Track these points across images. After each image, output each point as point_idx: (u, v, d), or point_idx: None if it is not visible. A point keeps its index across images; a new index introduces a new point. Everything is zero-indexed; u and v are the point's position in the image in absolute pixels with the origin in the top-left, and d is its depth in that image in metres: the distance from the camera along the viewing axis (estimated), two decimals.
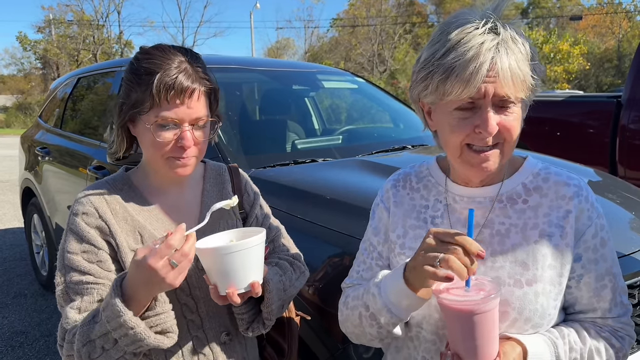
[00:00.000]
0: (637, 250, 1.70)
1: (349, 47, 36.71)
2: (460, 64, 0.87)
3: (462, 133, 0.93)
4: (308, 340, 1.65)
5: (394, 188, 1.16)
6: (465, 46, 0.88)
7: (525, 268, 0.98)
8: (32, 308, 3.99)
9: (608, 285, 1.01)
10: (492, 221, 1.02)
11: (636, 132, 4.33)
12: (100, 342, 1.02)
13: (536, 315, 0.96)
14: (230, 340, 1.23)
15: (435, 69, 0.91)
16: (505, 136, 0.93)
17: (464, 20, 0.92)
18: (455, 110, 0.93)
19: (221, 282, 1.03)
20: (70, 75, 4.48)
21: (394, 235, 1.12)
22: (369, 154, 2.61)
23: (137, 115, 1.12)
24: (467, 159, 0.96)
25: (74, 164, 3.53)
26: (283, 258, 1.31)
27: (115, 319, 0.98)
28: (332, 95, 4.02)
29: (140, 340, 1.00)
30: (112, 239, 1.14)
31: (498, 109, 0.91)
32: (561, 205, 1.00)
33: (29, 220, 4.74)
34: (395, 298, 0.97)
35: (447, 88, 0.90)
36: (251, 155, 2.49)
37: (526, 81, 0.91)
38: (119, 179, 1.23)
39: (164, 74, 1.07)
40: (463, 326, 0.87)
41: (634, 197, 2.29)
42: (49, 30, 34.33)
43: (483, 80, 0.87)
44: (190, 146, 1.12)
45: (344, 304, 1.14)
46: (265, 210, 1.39)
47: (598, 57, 29.53)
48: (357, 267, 1.19)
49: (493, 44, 0.88)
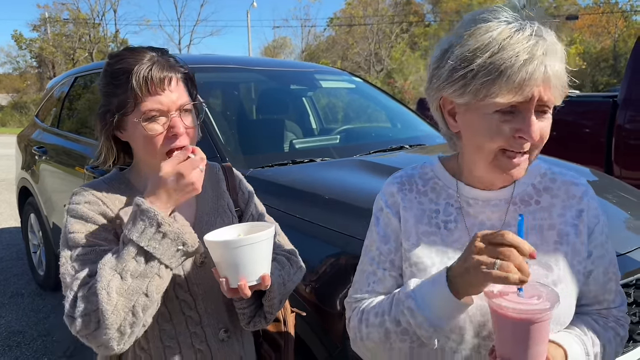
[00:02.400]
0: (633, 249, 1.71)
1: (345, 46, 36.71)
2: (513, 67, 0.84)
3: (502, 137, 0.89)
4: (306, 340, 1.67)
5: (400, 192, 1.08)
6: (516, 48, 0.84)
7: (549, 270, 0.97)
8: (29, 308, 3.99)
9: (612, 278, 1.04)
10: (508, 224, 1.01)
11: (632, 132, 4.35)
12: (129, 269, 1.01)
13: (564, 316, 0.97)
14: (228, 337, 1.24)
15: (480, 69, 0.86)
16: (539, 143, 0.92)
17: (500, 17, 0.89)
18: (495, 113, 0.89)
19: (233, 275, 1.05)
20: (68, 75, 4.47)
21: (407, 244, 1.04)
22: (367, 154, 2.62)
23: (123, 118, 1.13)
24: (499, 164, 0.93)
25: (71, 163, 3.53)
26: (280, 254, 1.32)
27: (150, 226, 1.02)
28: (330, 95, 4.03)
29: (178, 236, 1.05)
30: (118, 221, 1.15)
31: (538, 114, 0.90)
32: (573, 205, 1.02)
33: (25, 220, 4.73)
34: (439, 308, 0.90)
35: (494, 90, 0.86)
36: (249, 155, 2.50)
37: (565, 86, 0.90)
38: (115, 177, 1.24)
39: (138, 68, 1.10)
40: (516, 333, 0.83)
41: (629, 196, 2.31)
42: (44, 28, 34.22)
43: (535, 85, 0.85)
44: (182, 133, 1.14)
45: (360, 321, 1.03)
46: (259, 208, 1.40)
47: (594, 57, 29.63)
48: (366, 279, 1.08)
49: (543, 48, 0.85)
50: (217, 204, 1.30)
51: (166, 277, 1.07)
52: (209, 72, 2.93)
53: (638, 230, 1.97)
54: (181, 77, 1.17)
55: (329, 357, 1.61)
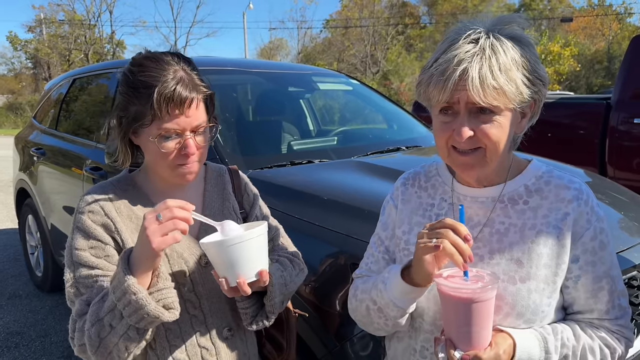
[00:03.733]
0: (625, 248, 1.75)
1: (342, 48, 36.76)
2: (438, 72, 0.95)
3: (444, 135, 1.00)
4: (306, 338, 1.69)
5: (403, 186, 1.21)
6: (446, 56, 0.94)
7: (519, 265, 1.01)
8: (27, 309, 3.99)
9: (605, 287, 1.03)
10: (492, 220, 1.06)
11: (625, 133, 4.40)
12: (108, 319, 1.05)
13: (528, 312, 1.00)
14: (232, 335, 1.27)
15: (424, 76, 0.99)
16: (485, 142, 0.97)
17: (460, 31, 0.97)
18: (439, 114, 1.00)
19: (230, 274, 1.07)
20: (66, 77, 4.48)
21: (399, 231, 1.17)
22: (364, 155, 2.65)
23: (139, 128, 1.15)
24: (452, 159, 1.02)
25: (70, 165, 3.54)
26: (283, 255, 1.34)
27: (120, 286, 1.02)
28: (327, 97, 4.05)
29: (141, 307, 1.02)
30: (117, 236, 1.17)
31: (477, 116, 0.95)
32: (560, 208, 1.03)
33: (23, 221, 4.73)
34: (399, 292, 1.03)
35: (428, 93, 0.98)
36: (248, 156, 2.52)
37: (503, 89, 0.92)
38: (123, 180, 1.26)
39: (162, 86, 1.09)
40: (459, 313, 0.91)
41: (622, 197, 2.35)
42: (39, 29, 34.13)
43: (454, 88, 0.93)
44: (194, 153, 1.16)
45: (353, 295, 1.20)
46: (264, 210, 1.42)
47: (588, 59, 29.80)
48: (366, 259, 1.25)
49: (469, 54, 0.92)
50: (222, 207, 1.33)
51: (137, 339, 1.07)
52: (207, 74, 2.94)
53: (630, 230, 2.01)
54: (202, 98, 1.16)
55: (328, 355, 1.64)
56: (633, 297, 1.69)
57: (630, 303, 1.68)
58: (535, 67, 0.96)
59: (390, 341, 1.22)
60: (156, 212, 1.01)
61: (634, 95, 4.44)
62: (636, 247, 1.80)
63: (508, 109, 0.95)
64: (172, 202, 1.02)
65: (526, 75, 0.95)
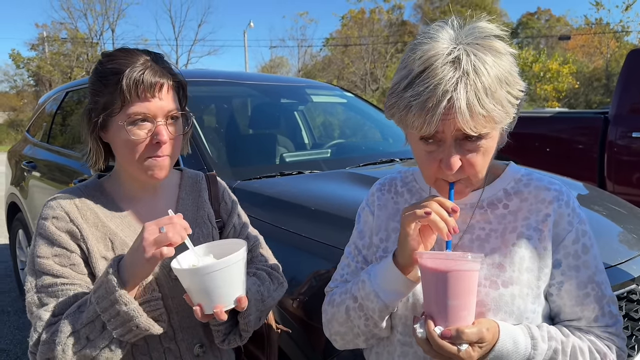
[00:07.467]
0: (623, 261, 1.69)
1: (341, 65, 37.04)
2: (418, 103, 0.85)
3: (430, 168, 0.93)
4: (290, 355, 1.61)
5: (379, 192, 1.17)
6: (425, 83, 0.84)
7: (501, 270, 0.97)
8: (15, 325, 3.90)
9: (591, 293, 0.98)
10: (472, 227, 1.02)
11: (623, 148, 4.37)
12: (85, 332, 0.99)
13: (512, 317, 0.95)
14: (204, 352, 1.19)
15: (398, 101, 0.89)
16: (468, 172, 0.92)
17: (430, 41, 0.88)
18: (420, 141, 0.92)
19: (206, 302, 0.99)
20: (59, 90, 4.45)
21: (377, 239, 1.12)
22: (357, 167, 2.59)
23: (108, 119, 1.09)
24: (439, 187, 0.97)
25: (61, 179, 3.49)
26: (261, 268, 1.28)
27: (107, 297, 0.97)
28: (321, 110, 4.02)
29: (131, 319, 0.97)
30: (83, 244, 1.11)
31: (464, 142, 0.89)
32: (540, 209, 0.99)
33: (14, 236, 4.66)
34: (384, 281, 0.98)
35: (406, 120, 0.89)
36: (237, 167, 2.47)
37: (491, 115, 0.85)
38: (91, 185, 1.20)
39: (131, 70, 1.06)
40: (438, 285, 0.86)
41: (621, 209, 2.29)
42: (42, 47, 34.43)
43: (441, 119, 0.84)
44: (166, 141, 1.10)
45: (329, 303, 1.13)
46: (243, 219, 1.36)
47: (587, 76, 29.97)
48: (341, 270, 1.18)
49: (452, 81, 0.83)
50: (196, 215, 1.26)
51: (118, 352, 1.02)
52: (199, 85, 2.92)
53: (629, 243, 1.94)
54: (173, 85, 1.13)
55: None
56: (633, 312, 1.61)
57: (630, 318, 1.61)
58: (516, 79, 0.89)
59: (369, 357, 1.15)
60: (159, 224, 0.97)
61: (631, 109, 4.43)
62: (635, 259, 1.74)
63: (495, 130, 0.90)
64: (179, 219, 0.99)
65: (510, 91, 0.88)
